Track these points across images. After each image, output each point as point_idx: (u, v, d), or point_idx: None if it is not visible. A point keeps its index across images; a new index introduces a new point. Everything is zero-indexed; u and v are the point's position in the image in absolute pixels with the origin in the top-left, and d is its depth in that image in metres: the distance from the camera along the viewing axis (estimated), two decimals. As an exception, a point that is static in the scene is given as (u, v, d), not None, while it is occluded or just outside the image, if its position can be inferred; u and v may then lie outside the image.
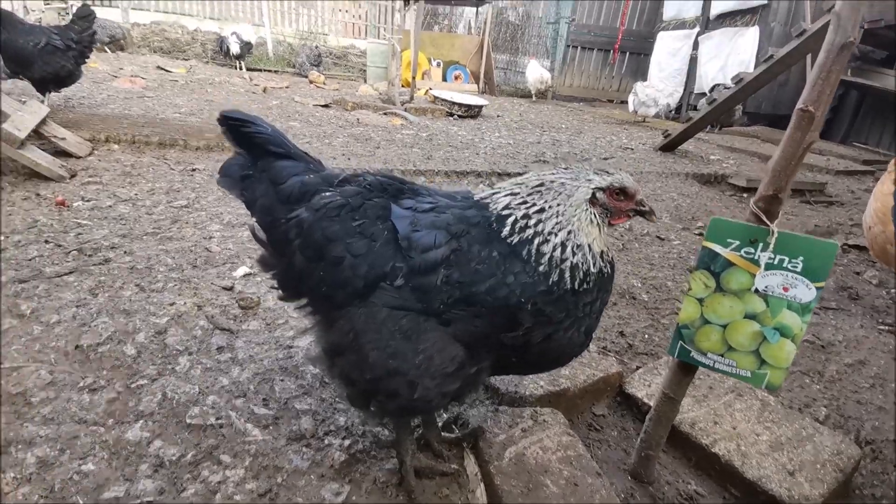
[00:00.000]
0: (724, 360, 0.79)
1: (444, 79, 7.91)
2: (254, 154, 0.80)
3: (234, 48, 6.23)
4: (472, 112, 4.98)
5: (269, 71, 6.96)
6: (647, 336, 1.37)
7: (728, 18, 6.01)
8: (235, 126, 0.77)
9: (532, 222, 0.70)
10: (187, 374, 0.95)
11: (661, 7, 7.34)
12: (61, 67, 2.70)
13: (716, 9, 6.10)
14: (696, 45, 6.48)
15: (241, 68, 6.52)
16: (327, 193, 0.74)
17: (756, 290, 0.74)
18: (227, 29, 6.45)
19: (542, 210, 0.71)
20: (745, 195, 3.04)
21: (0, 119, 1.75)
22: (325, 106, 4.64)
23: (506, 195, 0.74)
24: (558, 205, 0.71)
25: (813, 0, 4.39)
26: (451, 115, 4.88)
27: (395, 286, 0.67)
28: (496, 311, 0.67)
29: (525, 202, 0.72)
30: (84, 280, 1.21)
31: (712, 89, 5.41)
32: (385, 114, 4.28)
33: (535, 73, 7.58)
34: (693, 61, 6.52)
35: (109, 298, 1.15)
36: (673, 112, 6.68)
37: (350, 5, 14.13)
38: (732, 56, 5.89)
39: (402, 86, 5.38)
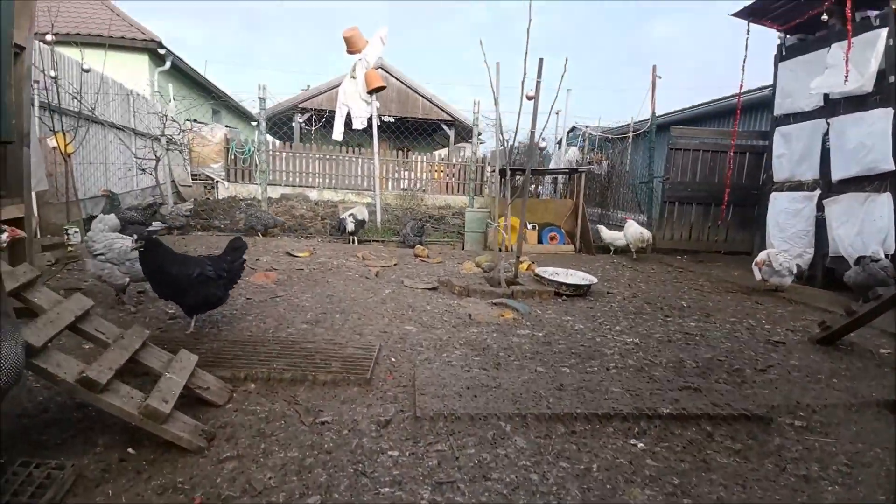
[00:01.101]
0: None
1: (540, 241, 8.03)
2: None
3: (350, 227, 6.94)
4: (580, 291, 4.78)
5: (378, 241, 7.55)
6: None
7: (853, 184, 5.57)
8: None
9: None
10: None
11: (769, 168, 7.11)
12: (212, 295, 2.96)
13: (837, 174, 5.73)
14: (819, 207, 6.00)
15: (353, 242, 7.15)
16: None
17: None
18: (346, 212, 7.23)
19: None
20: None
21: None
22: (434, 289, 4.73)
23: None
24: None
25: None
26: (559, 294, 4.71)
27: None
28: None
29: None
30: None
31: (858, 261, 4.78)
32: (494, 304, 4.20)
33: (635, 232, 7.44)
34: (820, 223, 5.99)
35: None
36: (806, 273, 5.99)
37: (443, 167, 15.79)
38: (868, 223, 5.31)
39: (501, 249, 5.37)
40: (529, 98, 4.93)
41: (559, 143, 14.31)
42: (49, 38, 6.00)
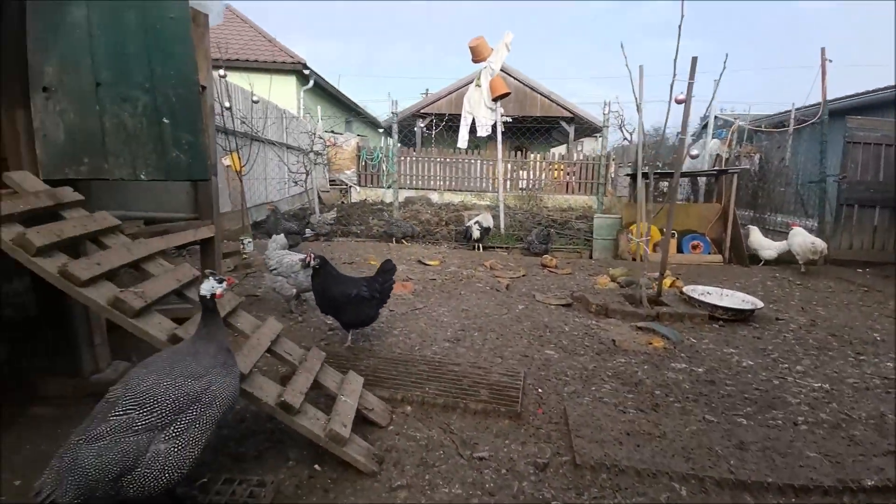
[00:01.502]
0: None
1: (680, 250, 7.29)
2: None
3: (476, 234, 7.03)
4: (741, 316, 4.20)
5: (502, 248, 7.53)
6: None
7: None
8: None
9: None
10: None
11: None
12: (365, 314, 3.17)
13: None
14: None
15: (479, 249, 7.23)
16: None
17: None
18: (471, 220, 7.33)
19: None
20: None
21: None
22: (568, 306, 4.55)
23: None
24: None
25: None
26: (714, 318, 4.20)
27: None
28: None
29: None
30: None
31: None
32: (639, 328, 3.89)
33: (804, 241, 6.35)
34: None
35: None
36: None
37: (563, 165, 15.19)
38: None
39: (641, 260, 4.95)
40: (679, 102, 4.46)
41: (695, 135, 12.87)
42: (221, 72, 6.85)
